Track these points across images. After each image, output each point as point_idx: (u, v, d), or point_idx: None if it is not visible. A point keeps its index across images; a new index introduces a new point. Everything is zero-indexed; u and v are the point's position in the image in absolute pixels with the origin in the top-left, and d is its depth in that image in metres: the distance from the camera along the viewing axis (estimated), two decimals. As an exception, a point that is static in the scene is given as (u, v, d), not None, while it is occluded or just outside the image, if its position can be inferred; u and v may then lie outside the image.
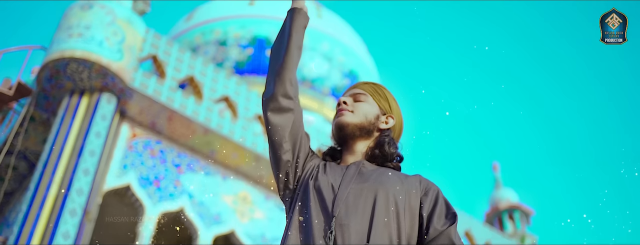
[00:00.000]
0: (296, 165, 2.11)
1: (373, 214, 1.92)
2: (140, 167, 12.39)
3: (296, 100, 2.12)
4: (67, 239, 10.17)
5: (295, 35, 2.13)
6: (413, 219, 2.00)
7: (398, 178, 2.06)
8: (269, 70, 2.17)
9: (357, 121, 2.16)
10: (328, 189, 2.00)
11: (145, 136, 12.87)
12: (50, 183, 10.70)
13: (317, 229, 1.90)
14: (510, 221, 20.63)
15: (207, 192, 13.03)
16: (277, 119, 2.07)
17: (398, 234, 1.92)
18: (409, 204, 2.00)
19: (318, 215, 1.95)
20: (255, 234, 13.21)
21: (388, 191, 1.98)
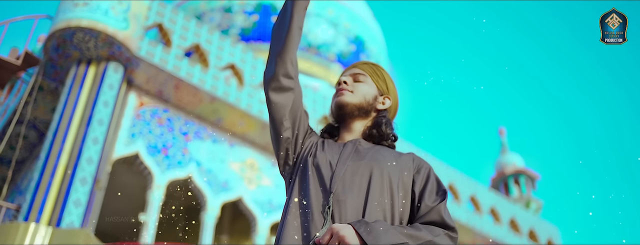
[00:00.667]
0: (296, 142, 2.20)
1: (368, 191, 2.02)
2: (148, 136, 12.58)
3: (296, 79, 2.21)
4: (79, 207, 10.42)
5: (297, 16, 2.20)
6: (406, 196, 2.10)
7: (392, 156, 2.16)
8: (270, 49, 2.25)
9: (356, 101, 2.26)
10: (326, 166, 2.10)
11: (152, 105, 13.03)
12: (60, 152, 10.91)
13: (316, 204, 2.00)
14: (516, 186, 20.83)
15: (214, 160, 13.24)
16: (278, 98, 2.16)
17: (392, 209, 2.02)
18: (402, 181, 2.10)
19: (316, 191, 2.04)
20: (262, 201, 13.45)
21: (383, 169, 2.08)
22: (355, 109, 2.26)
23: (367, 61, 2.42)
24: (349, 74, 2.34)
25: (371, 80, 2.33)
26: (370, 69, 2.36)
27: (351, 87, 2.29)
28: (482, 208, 17.48)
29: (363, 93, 2.28)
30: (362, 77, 2.32)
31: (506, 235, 17.62)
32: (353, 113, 2.26)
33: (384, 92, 2.34)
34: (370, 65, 2.39)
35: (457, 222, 16.49)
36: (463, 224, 16.57)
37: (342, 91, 2.28)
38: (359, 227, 1.86)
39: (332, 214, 1.98)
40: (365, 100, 2.27)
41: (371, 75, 2.34)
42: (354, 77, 2.32)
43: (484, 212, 17.46)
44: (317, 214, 1.98)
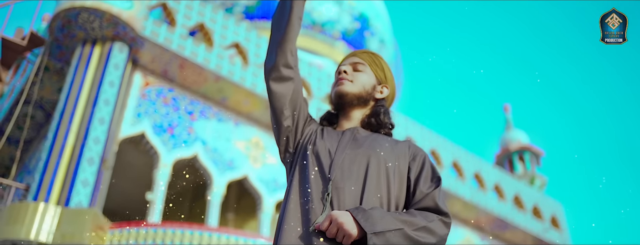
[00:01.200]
0: (296, 130, 2.28)
1: (365, 178, 2.08)
2: (154, 115, 12.71)
3: (296, 69, 2.26)
4: (87, 187, 10.60)
5: (296, 7, 2.25)
6: (402, 182, 2.15)
7: (389, 144, 2.22)
8: (270, 39, 2.30)
9: (356, 91, 2.32)
10: (325, 154, 2.17)
11: (157, 84, 13.15)
12: (67, 132, 11.07)
13: (315, 191, 2.06)
14: (521, 162, 20.93)
15: (219, 139, 13.38)
16: (278, 88, 2.23)
17: (388, 195, 2.09)
18: (398, 168, 2.16)
19: (316, 178, 2.10)
20: (267, 179, 13.62)
21: (379, 157, 2.14)
22: (355, 98, 2.32)
23: (366, 50, 2.47)
24: (349, 63, 2.39)
25: (370, 69, 2.39)
26: (369, 58, 2.42)
27: (351, 76, 2.34)
28: (486, 185, 17.62)
29: (362, 82, 2.34)
30: (362, 67, 2.38)
31: (510, 211, 17.79)
32: (352, 102, 2.33)
33: (382, 81, 2.39)
34: (369, 54, 2.44)
35: (461, 199, 16.67)
36: (467, 201, 16.74)
37: (342, 80, 2.34)
38: (356, 214, 1.93)
39: (331, 200, 2.04)
40: (365, 89, 2.33)
41: (370, 64, 2.40)
42: (353, 66, 2.38)
43: (488, 189, 17.61)
44: (316, 201, 2.05)
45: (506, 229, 17.82)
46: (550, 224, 18.81)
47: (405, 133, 16.34)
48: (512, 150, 21.01)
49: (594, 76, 55.22)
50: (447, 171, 16.83)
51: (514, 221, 17.71)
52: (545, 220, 18.70)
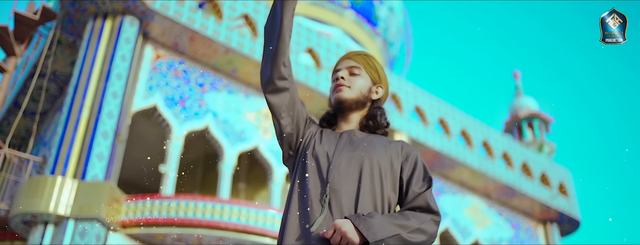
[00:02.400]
0: (297, 135, 2.43)
1: (360, 180, 2.22)
2: (165, 88, 13.00)
3: (291, 78, 2.37)
4: (102, 160, 10.98)
5: (286, 20, 2.34)
6: (394, 182, 2.28)
7: (382, 145, 2.35)
8: (264, 52, 2.41)
9: (354, 96, 2.46)
10: (324, 157, 2.32)
11: (168, 57, 13.40)
12: (81, 107, 11.40)
13: (314, 193, 2.21)
14: (529, 129, 21.13)
15: (230, 110, 13.68)
16: (275, 99, 2.36)
17: (381, 195, 2.22)
18: (391, 169, 2.29)
19: (315, 181, 2.25)
20: (278, 150, 13.93)
21: (373, 159, 2.27)
22: (353, 103, 2.46)
23: (359, 51, 2.56)
24: (345, 68, 2.50)
25: (365, 72, 2.50)
26: (363, 61, 2.53)
27: (348, 81, 2.46)
28: (494, 153, 17.90)
29: (359, 87, 2.46)
30: (357, 70, 2.49)
31: (518, 179, 18.10)
32: (351, 107, 2.47)
33: (376, 82, 2.51)
34: (362, 56, 2.54)
35: (470, 167, 16.97)
36: (475, 169, 17.04)
37: (341, 87, 2.47)
38: (358, 224, 2.08)
39: (329, 202, 2.18)
40: (362, 93, 2.47)
41: (365, 66, 2.51)
42: (349, 71, 2.49)
43: (496, 157, 17.89)
44: (315, 203, 2.21)
45: (514, 196, 18.16)
46: (557, 191, 19.12)
47: (414, 102, 16.58)
48: (521, 117, 21.19)
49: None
50: (456, 139, 17.10)
51: (522, 188, 18.03)
52: (553, 187, 19.01)
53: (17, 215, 10.20)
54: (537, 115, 21.12)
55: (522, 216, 18.85)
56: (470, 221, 17.25)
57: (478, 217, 17.55)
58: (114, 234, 10.63)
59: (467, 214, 17.31)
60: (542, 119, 21.15)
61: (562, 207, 18.86)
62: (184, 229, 10.69)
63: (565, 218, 19.11)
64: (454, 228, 16.69)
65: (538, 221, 19.18)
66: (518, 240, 18.22)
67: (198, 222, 10.71)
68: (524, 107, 21.48)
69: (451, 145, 16.77)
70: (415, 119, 16.59)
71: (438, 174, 17.22)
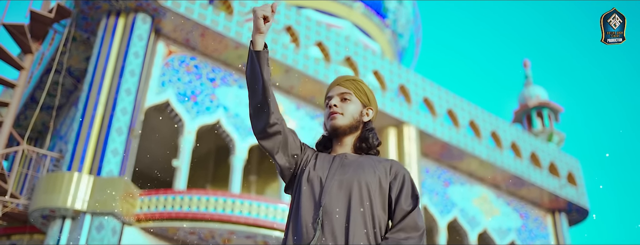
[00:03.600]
0: (295, 165, 2.64)
1: (350, 201, 2.40)
2: (178, 84, 13.38)
3: (279, 119, 2.53)
4: (116, 156, 11.40)
5: (266, 73, 2.54)
6: (384, 201, 2.46)
7: (371, 166, 2.53)
8: (250, 102, 2.54)
9: (347, 122, 2.65)
10: (317, 182, 2.49)
11: (180, 52, 13.76)
12: (96, 104, 11.81)
13: (309, 217, 2.41)
14: (539, 119, 21.34)
15: (241, 105, 14.04)
16: (268, 143, 2.57)
17: (372, 215, 2.40)
18: (380, 189, 2.47)
19: (309, 205, 2.45)
20: (288, 142, 14.30)
21: (361, 181, 2.45)
22: (347, 128, 2.67)
23: (348, 77, 2.74)
24: (337, 95, 2.69)
25: (355, 96, 2.68)
26: (353, 86, 2.70)
27: (341, 108, 2.65)
28: (502, 143, 18.18)
29: (351, 113, 2.66)
30: (348, 96, 2.68)
31: (526, 169, 18.38)
32: (345, 132, 2.69)
33: (366, 104, 2.70)
34: (351, 81, 2.72)
35: (478, 157, 17.27)
36: (484, 159, 17.34)
37: (335, 115, 2.65)
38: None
39: (321, 224, 2.37)
40: (354, 118, 2.66)
41: (354, 91, 2.69)
42: (341, 97, 2.68)
43: (505, 147, 18.17)
44: (309, 226, 2.42)
45: (522, 186, 18.45)
46: (566, 181, 19.40)
47: (423, 94, 16.87)
48: (531, 107, 21.39)
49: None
50: (464, 130, 17.39)
51: (531, 178, 18.31)
52: (561, 177, 19.28)
53: (36, 209, 10.66)
54: (547, 105, 21.32)
55: (531, 206, 19.16)
56: (479, 211, 17.59)
57: (486, 207, 17.88)
58: (129, 227, 11.08)
59: (476, 204, 17.65)
60: (551, 109, 21.36)
61: (570, 196, 19.13)
62: (196, 222, 11.12)
63: (574, 207, 19.40)
64: (462, 218, 17.04)
65: (546, 211, 19.48)
66: (526, 229, 18.55)
67: (210, 216, 11.12)
68: (533, 96, 21.68)
69: (459, 136, 17.07)
70: (424, 110, 16.89)
71: (446, 164, 17.55)
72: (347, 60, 15.80)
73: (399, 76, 16.65)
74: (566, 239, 19.10)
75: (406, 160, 15.63)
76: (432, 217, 16.51)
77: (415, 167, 15.68)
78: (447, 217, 16.78)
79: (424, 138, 16.44)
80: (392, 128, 16.00)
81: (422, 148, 16.63)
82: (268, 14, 2.41)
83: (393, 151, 15.76)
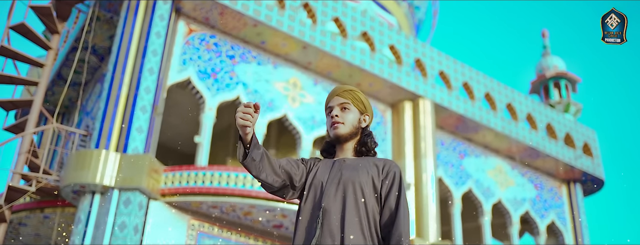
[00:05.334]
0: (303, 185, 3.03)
1: (345, 201, 2.75)
2: (198, 61, 13.99)
3: (280, 177, 2.85)
4: (141, 133, 12.11)
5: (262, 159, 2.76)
6: (376, 199, 2.81)
7: (365, 167, 2.87)
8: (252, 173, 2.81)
9: (348, 130, 3.01)
10: (319, 186, 2.87)
11: (200, 31, 14.33)
12: (121, 84, 12.48)
13: (312, 218, 2.79)
14: (556, 89, 21.67)
15: (260, 81, 14.64)
16: (279, 193, 2.92)
17: (366, 213, 2.74)
18: (372, 187, 2.81)
19: (312, 207, 2.83)
20: (305, 117, 14.94)
21: (355, 181, 2.80)
22: (348, 135, 3.01)
23: (346, 87, 3.09)
24: (337, 105, 3.03)
25: (353, 106, 3.03)
26: (350, 96, 3.05)
27: (341, 118, 3.00)
28: (518, 115, 18.62)
29: (351, 121, 3.01)
30: (347, 105, 3.02)
31: (542, 140, 18.85)
32: (347, 139, 3.01)
33: (363, 111, 3.05)
34: (348, 91, 3.06)
35: (493, 129, 17.77)
36: (499, 131, 17.83)
37: (336, 125, 3.00)
38: None
39: (321, 222, 2.72)
40: (353, 126, 3.01)
41: (352, 100, 3.03)
42: (340, 107, 3.03)
43: (520, 119, 18.62)
44: (311, 226, 2.76)
45: (537, 157, 18.95)
46: (582, 151, 19.85)
47: (438, 67, 17.32)
48: (548, 77, 21.68)
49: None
50: (480, 103, 17.86)
51: (546, 149, 18.79)
52: (577, 148, 19.73)
53: (68, 185, 11.44)
54: (564, 75, 21.58)
55: (546, 176, 19.68)
56: (493, 182, 18.16)
57: (501, 178, 18.45)
58: (155, 202, 11.84)
59: (490, 176, 18.22)
60: (569, 79, 21.63)
61: (586, 166, 19.61)
62: (218, 197, 11.85)
63: (589, 177, 19.88)
64: (476, 189, 17.63)
65: (561, 181, 20.00)
66: (541, 200, 19.11)
67: (231, 191, 11.84)
68: (551, 66, 21.94)
69: (475, 108, 17.55)
70: (440, 84, 17.36)
71: (461, 137, 18.08)
72: (363, 36, 16.27)
73: (415, 50, 17.10)
74: (581, 209, 19.65)
75: (421, 133, 16.19)
76: (447, 188, 17.12)
77: (430, 139, 16.24)
78: (462, 189, 17.38)
79: (440, 111, 16.95)
80: (407, 102, 16.53)
81: (438, 121, 17.16)
82: (248, 124, 2.63)
83: (409, 125, 16.32)
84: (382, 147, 16.03)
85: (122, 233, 11.05)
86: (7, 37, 12.26)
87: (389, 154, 16.13)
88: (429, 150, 16.10)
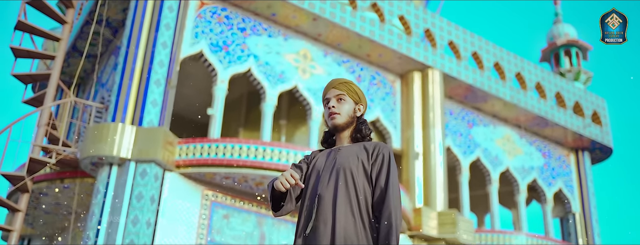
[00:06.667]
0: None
1: (336, 186, 3.01)
2: (210, 34, 14.41)
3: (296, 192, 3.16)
4: (156, 107, 12.63)
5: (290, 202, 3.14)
6: (367, 181, 3.06)
7: (355, 153, 3.13)
8: (271, 206, 3.19)
9: (344, 120, 3.27)
10: (316, 176, 3.16)
11: (211, 3, 14.71)
12: (135, 58, 12.96)
13: (309, 205, 3.07)
14: (567, 57, 21.92)
15: (270, 53, 15.07)
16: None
17: (356, 197, 2.99)
18: (363, 170, 3.06)
19: (310, 194, 3.10)
20: (315, 88, 15.38)
21: (346, 166, 3.05)
22: (345, 125, 3.28)
23: (341, 80, 3.34)
24: (333, 97, 3.29)
25: (348, 97, 3.28)
26: (345, 88, 3.30)
27: (338, 109, 3.26)
28: (527, 84, 18.98)
29: (347, 111, 3.27)
30: (343, 96, 3.27)
31: (550, 109, 19.24)
32: (344, 128, 3.29)
33: (357, 101, 3.30)
34: (343, 84, 3.31)
35: (502, 99, 18.15)
36: (508, 101, 18.23)
37: (334, 115, 3.26)
38: None
39: (317, 207, 2.99)
40: (349, 115, 3.28)
41: (347, 92, 3.29)
42: (337, 99, 3.28)
43: (529, 88, 18.99)
44: (308, 212, 3.04)
45: (546, 125, 19.36)
46: (591, 120, 20.23)
47: (448, 37, 17.66)
48: (559, 45, 21.91)
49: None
50: (489, 73, 18.22)
51: (554, 118, 19.19)
52: (586, 116, 20.11)
53: (86, 157, 12.03)
54: (575, 43, 21.81)
55: (554, 145, 20.12)
56: (501, 151, 18.63)
57: (509, 147, 18.91)
58: (170, 173, 12.42)
59: (498, 144, 18.68)
60: (580, 47, 21.87)
61: (594, 135, 20.01)
62: (231, 169, 12.41)
63: (598, 146, 20.30)
64: (484, 158, 18.12)
65: (570, 149, 20.44)
66: (549, 168, 19.59)
67: (243, 162, 12.40)
68: (562, 34, 22.15)
69: (484, 78, 17.93)
70: (449, 54, 17.72)
71: (470, 106, 18.50)
72: (372, 6, 16.59)
73: (425, 21, 17.41)
74: (588, 177, 20.12)
75: (430, 103, 16.62)
76: (456, 157, 17.61)
77: (438, 110, 16.68)
78: (470, 158, 17.87)
79: (449, 81, 17.34)
80: (416, 72, 16.93)
81: (447, 91, 17.57)
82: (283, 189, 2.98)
83: (418, 95, 16.74)
84: (391, 117, 16.51)
85: (139, 203, 11.66)
86: (23, 12, 12.71)
87: (398, 124, 16.60)
88: (437, 120, 16.55)
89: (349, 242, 2.87)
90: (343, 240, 2.87)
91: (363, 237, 2.90)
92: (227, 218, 12.88)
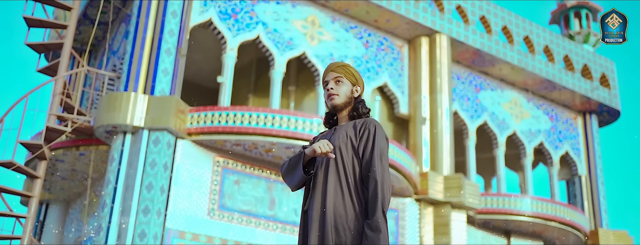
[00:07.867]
0: None
1: (328, 165, 3.25)
2: (219, 2, 14.73)
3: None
4: (167, 75, 13.06)
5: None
6: (355, 156, 3.26)
7: (345, 130, 3.33)
8: (285, 181, 3.45)
9: (343, 101, 3.46)
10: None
11: (220, -29, 14.99)
12: (146, 27, 13.34)
13: (309, 183, 3.35)
14: (576, 19, 22.08)
15: (279, 20, 15.40)
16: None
17: (345, 173, 3.21)
18: (351, 145, 3.27)
19: (314, 174, 3.33)
20: (324, 55, 15.75)
21: (336, 144, 3.27)
22: (343, 105, 3.46)
23: (339, 63, 3.52)
24: (331, 79, 3.47)
25: (346, 79, 3.45)
26: (343, 70, 3.47)
27: (336, 90, 3.44)
28: (535, 47, 19.25)
29: (345, 92, 3.45)
30: (340, 79, 3.45)
31: (558, 72, 19.53)
32: (342, 108, 3.47)
33: (355, 83, 3.48)
34: (341, 67, 3.49)
35: (510, 63, 18.46)
36: (515, 65, 18.53)
37: (332, 96, 3.45)
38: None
39: (313, 183, 3.27)
40: (347, 97, 3.46)
41: (345, 74, 3.46)
42: (335, 81, 3.46)
43: (537, 52, 19.26)
44: (306, 190, 3.35)
45: (554, 89, 19.69)
46: (599, 83, 20.52)
47: (455, 2, 17.88)
48: (568, 7, 22.06)
49: None
50: (496, 37, 18.49)
51: (562, 82, 19.51)
52: (594, 79, 20.40)
53: (101, 126, 12.54)
54: (585, 4, 21.95)
55: (561, 108, 20.48)
56: (508, 115, 19.02)
57: (516, 111, 19.29)
58: (182, 140, 12.92)
59: (505, 108, 19.06)
60: (590, 8, 22.01)
61: (602, 98, 20.34)
62: (241, 136, 12.90)
63: (605, 108, 20.64)
64: (491, 122, 18.52)
65: (577, 112, 20.80)
66: (555, 131, 19.99)
67: (252, 130, 12.87)
68: (572, -4, 22.26)
69: (492, 42, 18.21)
70: (457, 18, 17.97)
71: (478, 70, 18.82)
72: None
73: (433, -15, 17.61)
74: (595, 140, 20.52)
75: (437, 68, 16.96)
76: (463, 121, 18.03)
77: (446, 75, 17.03)
78: (477, 122, 18.28)
79: (456, 46, 17.64)
80: (424, 38, 17.23)
81: (454, 55, 17.88)
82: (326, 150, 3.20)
83: (425, 60, 17.08)
84: (398, 83, 16.88)
85: (153, 170, 12.20)
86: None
87: (406, 90, 16.99)
88: (444, 85, 16.91)
89: (338, 216, 3.10)
90: (333, 215, 3.11)
91: (351, 210, 3.11)
92: (237, 184, 13.42)
